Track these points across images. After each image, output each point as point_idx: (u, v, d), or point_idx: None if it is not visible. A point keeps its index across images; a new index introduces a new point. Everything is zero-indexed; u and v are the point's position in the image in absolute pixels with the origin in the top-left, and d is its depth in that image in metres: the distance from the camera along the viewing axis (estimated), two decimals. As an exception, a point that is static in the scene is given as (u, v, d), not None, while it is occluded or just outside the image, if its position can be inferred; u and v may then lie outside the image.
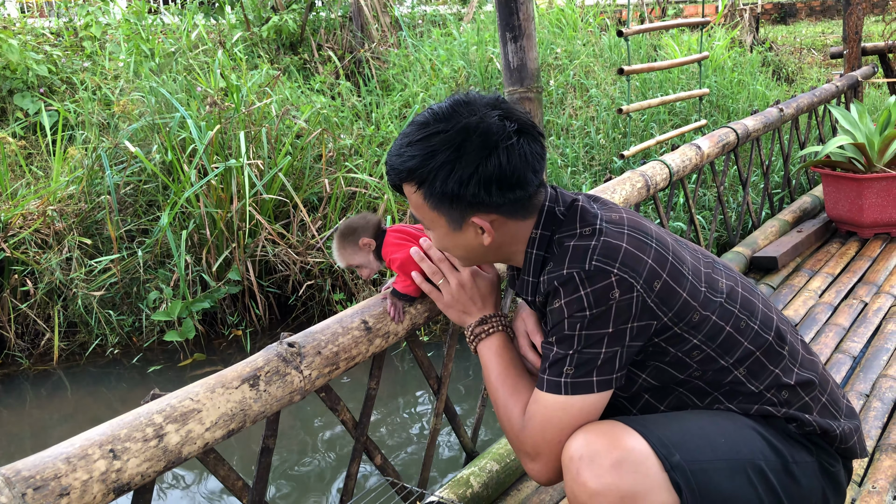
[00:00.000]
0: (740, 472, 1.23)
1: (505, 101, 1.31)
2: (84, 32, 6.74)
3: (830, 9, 15.17)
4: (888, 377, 2.49)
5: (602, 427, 1.23)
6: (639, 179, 2.77)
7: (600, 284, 1.19)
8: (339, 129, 5.40)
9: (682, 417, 1.29)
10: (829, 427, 1.32)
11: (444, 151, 1.23)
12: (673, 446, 1.20)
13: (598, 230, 1.25)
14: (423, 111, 1.31)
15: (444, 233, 1.34)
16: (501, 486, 2.04)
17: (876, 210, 3.72)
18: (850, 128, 3.85)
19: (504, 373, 1.39)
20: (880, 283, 3.30)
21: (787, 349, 1.33)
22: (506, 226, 1.32)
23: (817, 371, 1.36)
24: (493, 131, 1.23)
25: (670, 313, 1.23)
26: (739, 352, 1.29)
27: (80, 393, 4.11)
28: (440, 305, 1.54)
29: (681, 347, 1.27)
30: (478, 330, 1.47)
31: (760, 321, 1.32)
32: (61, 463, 1.14)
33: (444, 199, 1.27)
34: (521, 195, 1.27)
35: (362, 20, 7.12)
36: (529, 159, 1.26)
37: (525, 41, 2.27)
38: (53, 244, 4.47)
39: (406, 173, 1.27)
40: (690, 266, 1.28)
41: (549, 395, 1.26)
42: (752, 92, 6.18)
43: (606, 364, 1.23)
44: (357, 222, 1.63)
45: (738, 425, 1.28)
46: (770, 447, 1.27)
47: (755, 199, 4.77)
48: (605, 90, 5.75)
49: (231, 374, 1.40)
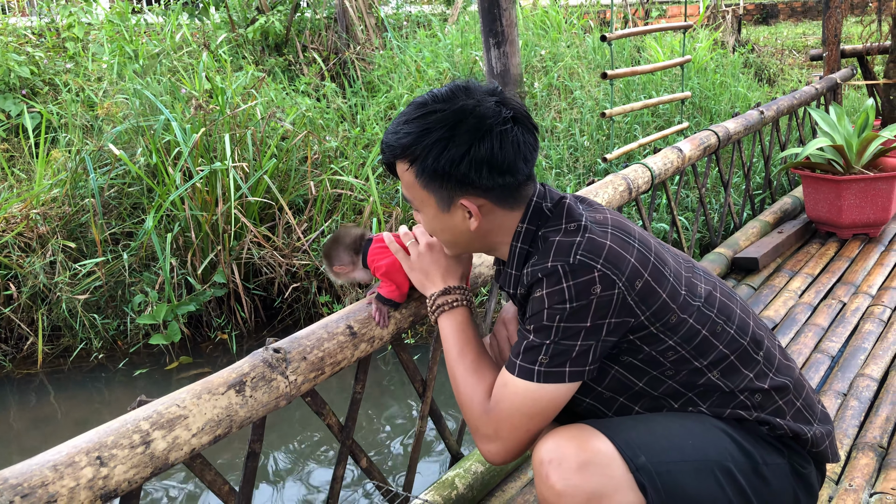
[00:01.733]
0: (707, 473, 1.25)
1: (503, 90, 1.34)
2: (66, 33, 6.70)
3: (811, 9, 15.33)
4: (865, 376, 2.54)
5: (571, 431, 1.25)
6: (621, 182, 2.80)
7: (583, 278, 1.21)
8: (324, 131, 5.41)
9: (650, 420, 1.32)
10: (800, 431, 1.34)
11: (438, 129, 1.26)
12: (639, 448, 1.23)
13: (584, 227, 1.28)
14: (423, 94, 1.34)
15: (433, 214, 1.36)
16: (486, 487, 2.06)
17: (854, 211, 3.78)
18: (829, 130, 3.91)
19: (464, 349, 1.41)
20: (858, 284, 3.36)
21: (763, 354, 1.35)
22: (493, 213, 1.34)
23: (793, 376, 1.39)
24: (488, 115, 1.26)
25: (648, 312, 1.25)
26: (714, 354, 1.31)
27: (64, 397, 4.10)
28: (405, 267, 1.55)
29: (655, 347, 1.29)
30: (440, 301, 1.48)
31: (737, 326, 1.34)
32: (48, 470, 1.15)
33: (434, 177, 1.29)
34: (510, 181, 1.30)
35: (347, 21, 7.13)
36: (521, 147, 1.29)
37: (508, 47, 2.30)
38: (37, 248, 4.45)
39: (400, 150, 1.30)
40: (672, 268, 1.31)
41: (519, 381, 1.27)
42: (735, 93, 6.25)
43: (581, 356, 1.25)
44: (335, 242, 1.66)
45: (707, 427, 1.30)
46: (740, 449, 1.29)
47: (737, 200, 4.83)
48: (590, 92, 5.79)
49: (217, 380, 1.41)
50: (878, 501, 1.92)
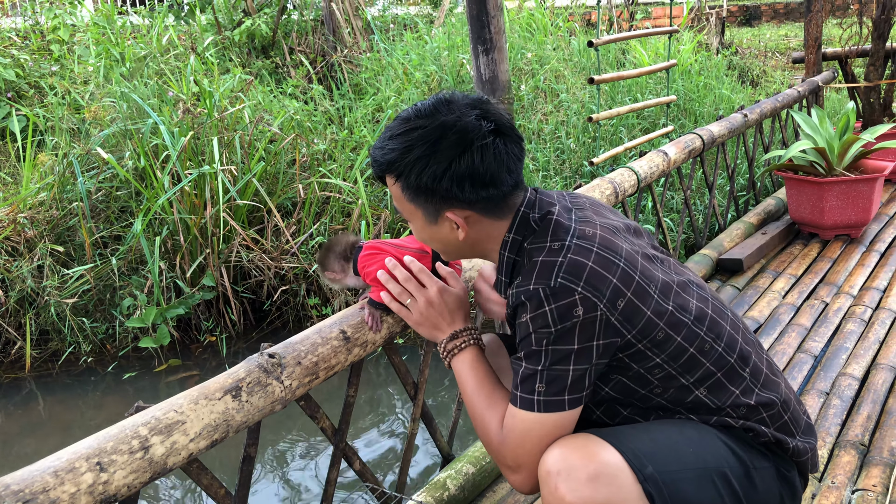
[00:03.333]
0: (707, 479, 1.27)
1: (487, 101, 1.35)
2: (52, 35, 6.67)
3: (794, 11, 15.49)
4: (847, 375, 2.59)
5: (577, 441, 1.26)
6: (608, 186, 2.84)
7: (564, 301, 1.23)
8: (312, 133, 5.42)
9: (651, 429, 1.33)
10: (783, 440, 1.37)
11: (420, 146, 1.29)
12: (645, 458, 1.24)
13: (567, 247, 1.28)
14: (407, 108, 1.37)
15: (421, 225, 1.39)
16: (477, 489, 2.09)
17: (836, 212, 3.84)
18: (811, 132, 3.97)
19: (479, 386, 1.43)
20: (840, 284, 3.42)
21: (749, 370, 1.37)
22: (480, 223, 1.36)
23: (780, 392, 1.40)
24: (469, 130, 1.28)
25: (634, 331, 1.26)
26: (700, 372, 1.33)
27: (53, 401, 4.09)
28: (410, 323, 1.57)
29: (643, 364, 1.31)
30: (450, 346, 1.50)
31: (725, 343, 1.35)
32: (49, 476, 1.17)
33: (419, 193, 1.32)
34: (494, 193, 1.32)
35: (334, 24, 7.14)
36: (504, 159, 1.30)
37: (496, 54, 2.33)
38: (24, 252, 4.44)
39: (386, 166, 1.33)
40: (660, 285, 1.31)
41: (523, 412, 1.29)
42: (718, 95, 6.32)
43: (577, 383, 1.26)
44: (329, 251, 1.69)
45: (703, 434, 1.32)
46: (733, 454, 1.32)
47: (721, 201, 4.89)
48: (576, 94, 5.84)
49: (214, 385, 1.43)
50: (860, 498, 1.96)
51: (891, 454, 2.13)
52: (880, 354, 2.74)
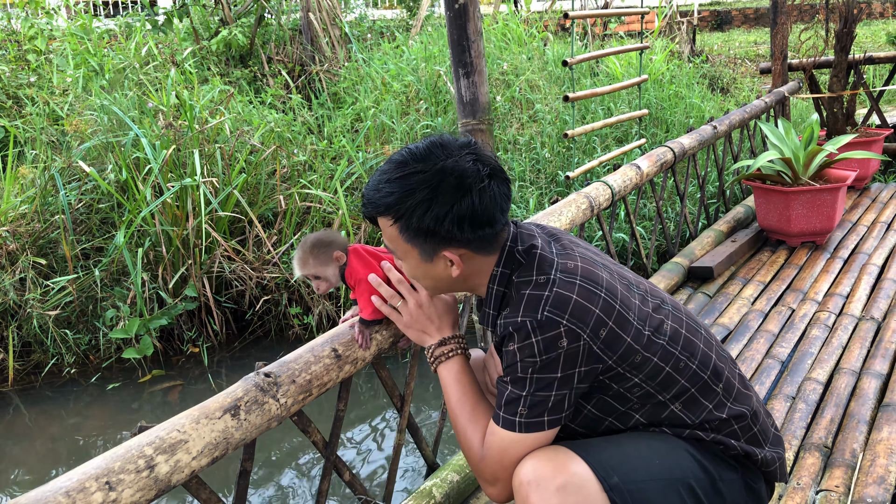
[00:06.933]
0: (673, 490, 1.37)
1: (476, 143, 1.44)
2: (28, 45, 6.65)
3: (763, 17, 15.80)
4: (812, 380, 2.72)
5: (549, 453, 1.36)
6: (583, 201, 2.95)
7: (550, 334, 1.32)
8: (292, 144, 5.48)
9: (620, 441, 1.43)
10: (752, 452, 1.47)
11: (421, 190, 1.36)
12: (611, 469, 1.34)
13: (552, 281, 1.37)
14: (400, 150, 1.43)
15: (415, 264, 1.46)
16: (462, 496, 2.18)
17: (802, 220, 3.99)
18: (777, 143, 4.12)
19: (463, 398, 1.52)
20: (806, 290, 3.56)
21: (722, 385, 1.47)
22: (473, 259, 1.45)
23: (750, 404, 1.50)
24: (468, 174, 1.36)
25: (615, 357, 1.36)
26: (676, 388, 1.43)
27: (36, 412, 4.11)
28: (400, 326, 1.65)
29: (623, 384, 1.40)
30: (438, 352, 1.59)
31: (699, 361, 1.45)
32: (62, 497, 1.24)
33: (419, 234, 1.39)
34: (489, 232, 1.41)
35: (312, 33, 7.19)
36: (498, 200, 1.40)
37: (477, 77, 2.42)
38: (6, 265, 4.45)
39: (384, 208, 1.40)
40: (637, 312, 1.40)
41: (504, 432, 1.39)
42: (689, 104, 6.47)
43: (557, 406, 1.36)
44: (332, 236, 1.72)
45: (671, 446, 1.43)
46: (700, 466, 1.42)
47: (692, 209, 5.02)
48: (550, 104, 5.95)
49: (213, 404, 1.51)
50: (823, 498, 2.08)
51: (852, 455, 2.25)
52: (843, 359, 2.87)
